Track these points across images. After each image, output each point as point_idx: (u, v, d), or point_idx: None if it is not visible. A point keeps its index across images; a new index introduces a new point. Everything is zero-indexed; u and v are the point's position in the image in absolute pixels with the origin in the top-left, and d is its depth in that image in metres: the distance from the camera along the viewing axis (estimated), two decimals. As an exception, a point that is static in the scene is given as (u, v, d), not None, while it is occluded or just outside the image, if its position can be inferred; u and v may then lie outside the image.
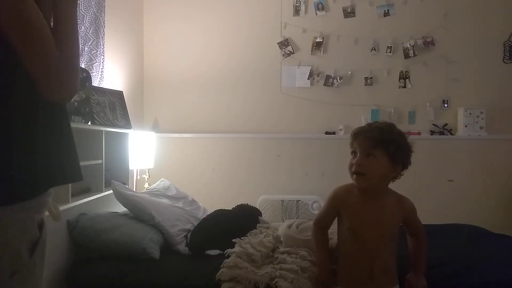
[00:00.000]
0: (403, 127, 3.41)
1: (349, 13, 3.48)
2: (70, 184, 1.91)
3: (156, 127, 3.55)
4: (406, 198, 1.55)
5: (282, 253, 1.87)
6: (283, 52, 3.50)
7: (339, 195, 1.53)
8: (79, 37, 0.93)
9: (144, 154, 3.00)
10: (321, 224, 1.58)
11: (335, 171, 3.28)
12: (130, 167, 2.78)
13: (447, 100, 3.45)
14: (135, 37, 3.43)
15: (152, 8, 3.56)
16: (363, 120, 3.41)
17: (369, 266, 1.44)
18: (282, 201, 3.26)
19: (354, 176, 1.45)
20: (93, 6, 2.52)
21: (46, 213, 1.02)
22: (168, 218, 2.19)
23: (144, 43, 3.57)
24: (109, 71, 2.81)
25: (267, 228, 2.21)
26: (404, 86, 3.47)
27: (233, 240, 1.99)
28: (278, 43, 3.50)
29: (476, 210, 3.32)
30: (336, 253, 1.59)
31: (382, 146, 1.42)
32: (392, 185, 1.56)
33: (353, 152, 1.48)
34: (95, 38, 2.52)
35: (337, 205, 1.52)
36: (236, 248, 1.87)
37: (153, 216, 2.11)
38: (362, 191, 1.49)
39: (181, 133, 3.51)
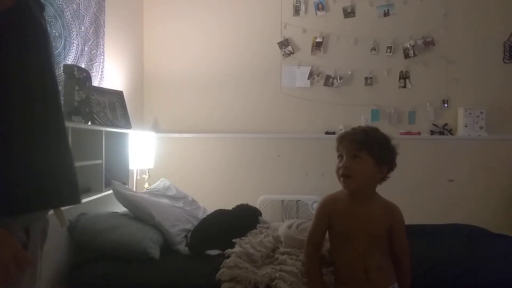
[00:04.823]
0: (403, 127, 3.43)
1: (349, 13, 3.48)
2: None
3: (156, 127, 3.55)
4: (395, 205, 1.55)
5: (282, 253, 1.87)
6: (283, 52, 3.50)
7: (327, 204, 1.56)
8: None
9: (144, 154, 3.00)
10: (315, 239, 1.56)
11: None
12: (130, 167, 2.78)
13: (447, 100, 3.45)
14: (135, 37, 3.43)
15: (152, 8, 3.56)
16: (363, 120, 3.41)
17: (362, 267, 1.46)
18: (282, 201, 3.26)
19: (342, 179, 1.48)
20: (93, 6, 2.52)
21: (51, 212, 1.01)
22: (168, 218, 2.19)
23: (144, 43, 3.56)
24: (109, 71, 2.81)
25: (267, 228, 2.21)
26: (404, 86, 3.47)
27: (233, 240, 1.99)
28: (278, 43, 3.50)
29: (476, 210, 3.32)
30: (332, 257, 1.61)
31: (366, 148, 1.45)
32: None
33: (340, 156, 1.51)
34: (95, 38, 2.52)
35: (326, 214, 1.54)
36: (236, 248, 1.87)
37: (153, 216, 2.11)
38: (350, 196, 1.51)
39: (181, 133, 3.51)
